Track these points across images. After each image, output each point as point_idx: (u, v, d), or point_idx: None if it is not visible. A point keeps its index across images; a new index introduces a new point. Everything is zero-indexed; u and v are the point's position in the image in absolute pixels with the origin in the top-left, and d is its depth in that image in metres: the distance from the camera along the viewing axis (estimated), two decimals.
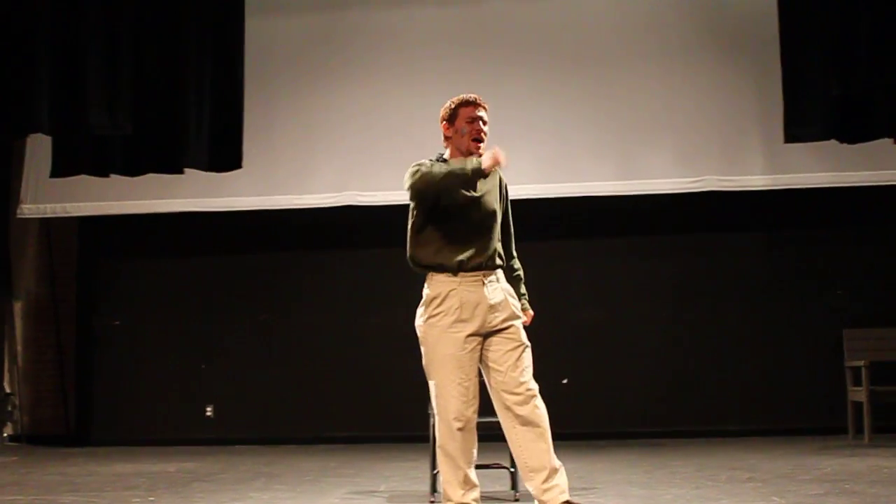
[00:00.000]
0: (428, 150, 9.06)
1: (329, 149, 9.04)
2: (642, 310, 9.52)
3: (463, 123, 4.37)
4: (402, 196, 4.07)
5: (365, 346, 9.64)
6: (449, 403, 4.26)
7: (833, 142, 7.96)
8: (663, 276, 9.60)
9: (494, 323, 4.30)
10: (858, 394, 8.32)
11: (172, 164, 8.08)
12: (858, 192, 8.86)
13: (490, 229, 4.35)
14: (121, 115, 7.36)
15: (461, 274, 4.27)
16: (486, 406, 4.35)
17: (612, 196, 8.95)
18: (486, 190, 4.38)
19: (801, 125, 7.76)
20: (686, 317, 9.48)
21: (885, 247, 9.37)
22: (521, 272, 4.61)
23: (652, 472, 6.55)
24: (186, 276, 10.06)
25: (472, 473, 4.33)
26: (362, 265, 9.87)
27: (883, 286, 9.29)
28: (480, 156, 4.27)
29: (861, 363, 8.24)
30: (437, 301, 4.29)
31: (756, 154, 8.78)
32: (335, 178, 9.01)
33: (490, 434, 4.58)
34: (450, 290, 4.27)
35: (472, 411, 4.29)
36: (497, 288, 4.34)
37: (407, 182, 4.27)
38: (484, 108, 4.39)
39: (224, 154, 8.01)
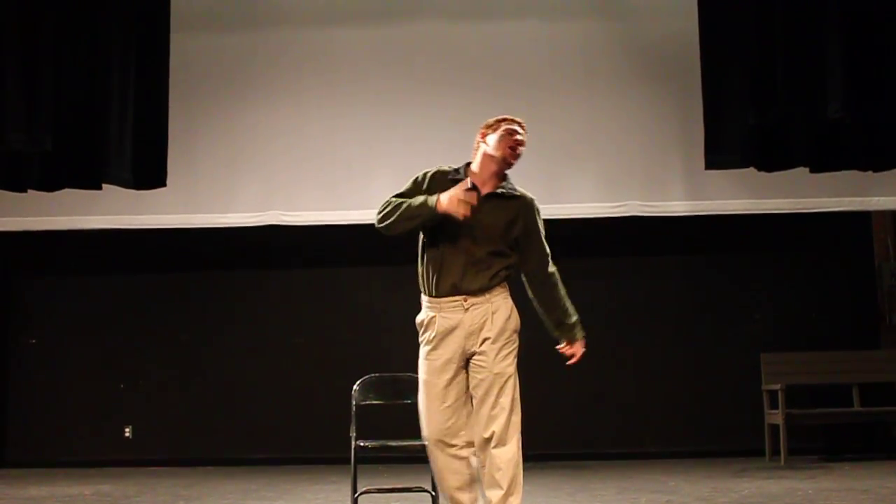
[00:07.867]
0: (354, 171, 9.06)
1: (253, 168, 8.94)
2: None
3: (502, 133, 4.50)
4: (325, 216, 4.00)
5: (286, 368, 9.56)
6: (429, 423, 4.24)
7: (752, 169, 8.11)
8: (584, 299, 9.61)
9: (473, 349, 4.25)
10: (775, 417, 8.47)
11: (93, 180, 7.92)
12: (776, 218, 9.04)
13: (481, 256, 4.26)
14: (39, 131, 7.19)
15: (442, 299, 4.23)
16: (402, 429, 4.27)
17: None
18: (486, 217, 4.29)
19: (720, 153, 7.88)
20: (606, 340, 9.52)
21: (801, 273, 9.57)
22: (556, 293, 4.71)
23: (574, 495, 6.58)
24: (105, 294, 9.87)
25: (465, 498, 4.28)
26: (285, 285, 9.80)
27: (799, 311, 9.49)
28: (510, 165, 4.51)
29: (777, 387, 8.39)
30: (422, 327, 4.30)
31: (677, 180, 8.87)
32: (259, 198, 8.91)
33: (411, 457, 4.55)
34: (432, 317, 4.25)
35: (455, 432, 4.25)
36: (481, 311, 4.27)
37: (375, 219, 4.27)
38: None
39: (148, 171, 7.87)
